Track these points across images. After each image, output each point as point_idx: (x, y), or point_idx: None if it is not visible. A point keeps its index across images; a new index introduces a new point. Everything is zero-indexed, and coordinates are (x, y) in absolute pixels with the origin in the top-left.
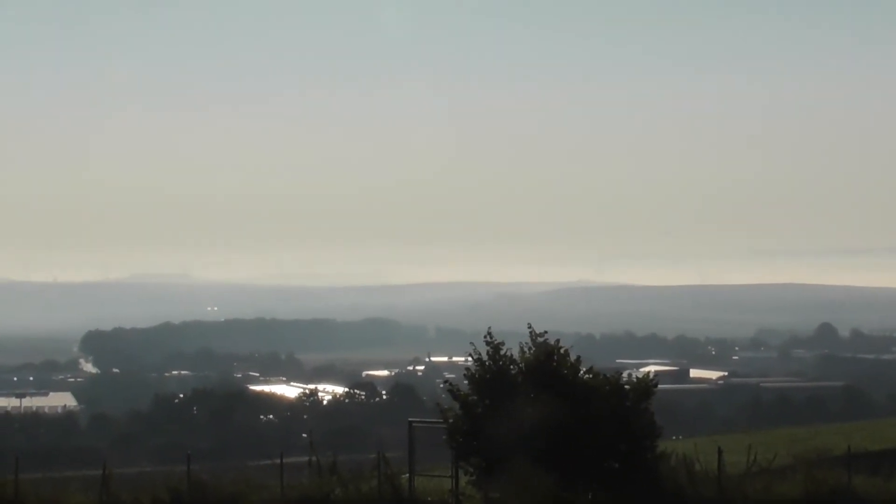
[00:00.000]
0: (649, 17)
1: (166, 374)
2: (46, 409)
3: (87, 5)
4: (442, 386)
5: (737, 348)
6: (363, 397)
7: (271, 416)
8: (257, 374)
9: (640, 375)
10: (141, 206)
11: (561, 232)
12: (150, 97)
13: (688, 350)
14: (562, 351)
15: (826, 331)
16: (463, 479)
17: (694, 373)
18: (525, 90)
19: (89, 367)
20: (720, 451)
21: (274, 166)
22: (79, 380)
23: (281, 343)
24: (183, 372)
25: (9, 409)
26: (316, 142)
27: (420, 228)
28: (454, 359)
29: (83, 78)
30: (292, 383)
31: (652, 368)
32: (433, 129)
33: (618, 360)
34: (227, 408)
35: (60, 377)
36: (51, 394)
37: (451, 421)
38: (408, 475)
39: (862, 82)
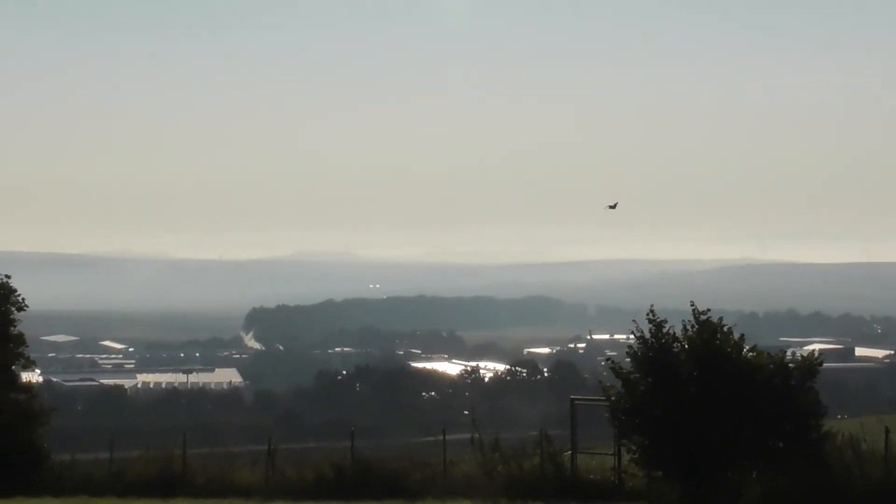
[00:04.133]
0: None
1: (329, 351)
2: (212, 385)
3: None
4: (604, 364)
5: None
6: (524, 375)
7: (433, 393)
8: (419, 352)
9: (804, 354)
10: (305, 186)
11: (725, 209)
12: (307, 82)
13: (853, 328)
14: (725, 329)
15: None
16: (626, 458)
17: (859, 351)
18: (686, 67)
19: (253, 344)
20: (887, 431)
21: (437, 145)
22: (243, 356)
23: (442, 320)
24: (345, 349)
25: (176, 384)
26: (476, 120)
27: (582, 206)
28: (615, 336)
29: (250, 63)
30: (454, 360)
31: (816, 347)
32: (598, 109)
33: (781, 339)
34: (390, 385)
35: (225, 353)
36: (216, 370)
37: (613, 399)
38: (570, 453)
39: None
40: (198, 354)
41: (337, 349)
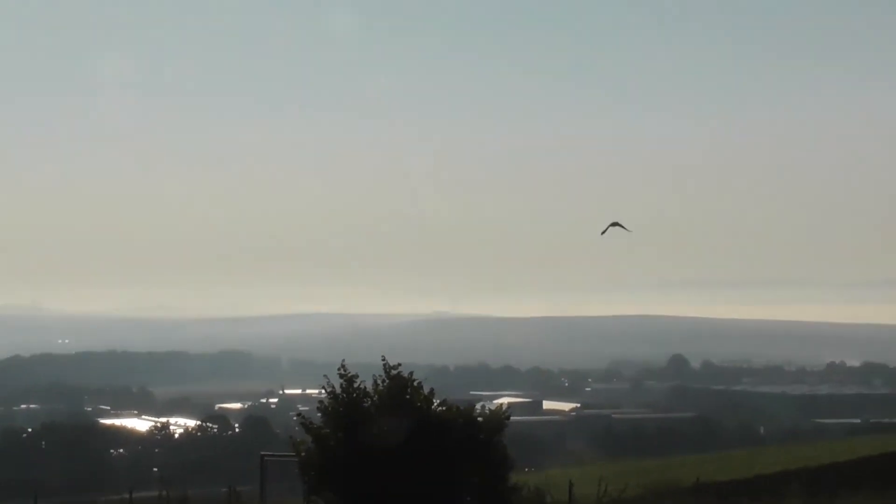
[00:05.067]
0: (533, 43)
1: (14, 408)
2: None
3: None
4: (295, 419)
5: (590, 380)
6: (215, 430)
7: (122, 451)
8: (108, 408)
9: (493, 407)
10: None
11: (416, 264)
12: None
13: (541, 381)
14: (415, 383)
15: (678, 362)
16: None
17: (547, 404)
18: (382, 122)
19: None
20: (571, 484)
21: (127, 198)
22: None
23: (133, 376)
24: (32, 406)
25: None
26: (171, 174)
27: (275, 260)
28: (308, 391)
29: None
30: (144, 416)
31: (505, 400)
32: (287, 161)
33: (472, 392)
34: (77, 442)
35: None
36: None
37: (303, 454)
38: None
39: (713, 122)
40: None
41: (23, 406)
